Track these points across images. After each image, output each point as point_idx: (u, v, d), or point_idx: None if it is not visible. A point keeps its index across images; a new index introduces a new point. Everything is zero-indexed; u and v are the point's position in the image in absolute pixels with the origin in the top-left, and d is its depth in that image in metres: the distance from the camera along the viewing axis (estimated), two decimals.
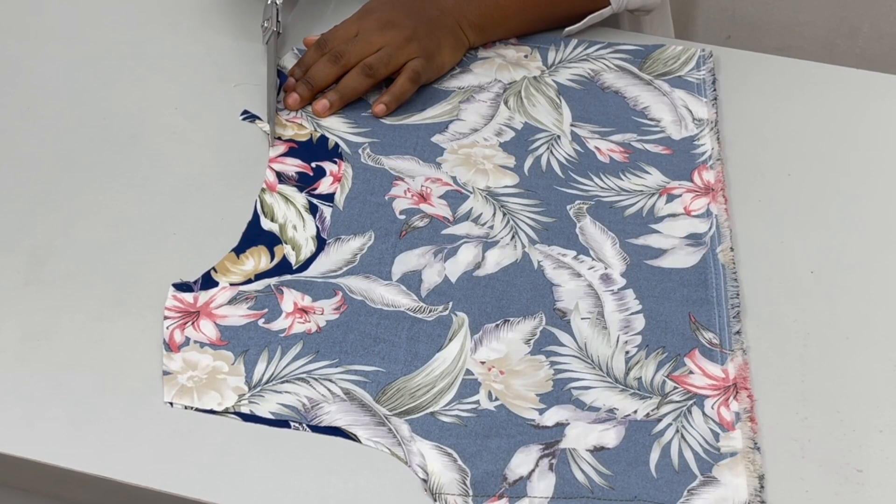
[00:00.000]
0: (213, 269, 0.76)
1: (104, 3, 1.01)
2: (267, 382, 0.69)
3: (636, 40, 0.98)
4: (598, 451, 0.66)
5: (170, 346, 0.70)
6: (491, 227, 0.80)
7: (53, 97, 0.90)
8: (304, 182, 0.83)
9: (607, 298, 0.75)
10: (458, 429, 0.67)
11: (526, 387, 0.69)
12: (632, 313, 0.74)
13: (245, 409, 0.67)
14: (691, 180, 0.84)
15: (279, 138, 0.86)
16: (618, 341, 0.72)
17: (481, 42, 0.97)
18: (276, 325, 0.72)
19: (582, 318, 0.73)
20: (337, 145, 0.86)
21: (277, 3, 0.94)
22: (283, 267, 0.76)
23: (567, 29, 0.98)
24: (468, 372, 0.70)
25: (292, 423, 0.67)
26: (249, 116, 0.88)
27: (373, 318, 0.73)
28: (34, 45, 0.95)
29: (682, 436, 0.67)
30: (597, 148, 0.87)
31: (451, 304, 0.74)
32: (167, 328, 0.71)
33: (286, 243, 0.78)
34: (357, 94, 0.89)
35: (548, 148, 0.87)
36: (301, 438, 0.66)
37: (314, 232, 0.79)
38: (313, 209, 0.80)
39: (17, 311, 0.72)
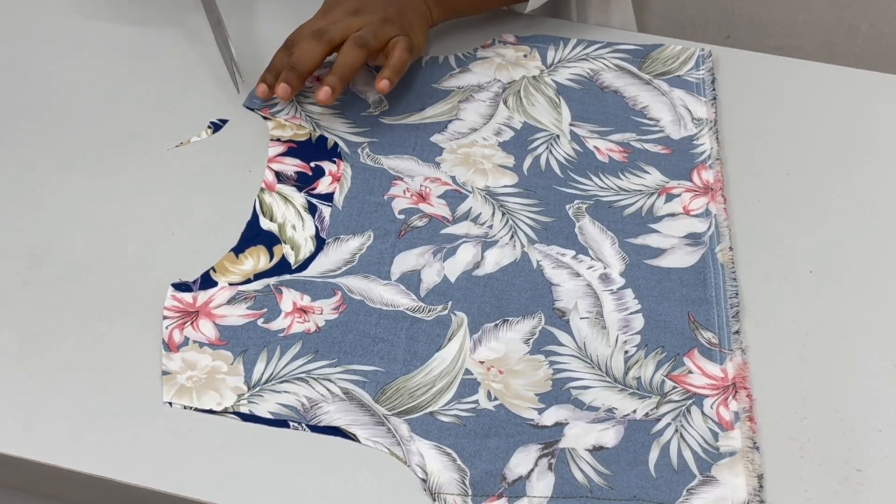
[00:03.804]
0: (212, 268, 0.76)
1: (104, 2, 1.01)
2: (266, 382, 0.69)
3: (635, 40, 0.98)
4: (597, 450, 0.66)
5: (169, 346, 0.70)
6: (490, 227, 0.80)
7: (53, 97, 0.90)
8: (303, 182, 0.83)
9: (606, 298, 0.75)
10: (457, 428, 0.67)
11: (525, 386, 0.69)
12: (631, 313, 0.74)
13: (244, 409, 0.67)
14: (690, 180, 0.84)
15: (278, 139, 0.86)
16: (617, 341, 0.72)
17: (446, 18, 0.95)
18: (276, 324, 0.72)
19: (581, 318, 0.73)
20: (336, 145, 0.86)
21: None
22: (282, 267, 0.76)
23: (530, 4, 0.97)
24: (467, 371, 0.70)
25: (291, 423, 0.67)
26: (251, 107, 0.89)
27: (372, 317, 0.73)
28: (34, 44, 0.95)
29: (682, 435, 0.67)
30: (596, 147, 0.87)
31: (450, 303, 0.74)
32: (166, 328, 0.71)
33: (285, 243, 0.78)
34: (354, 70, 0.85)
35: (547, 147, 0.87)
36: (300, 438, 0.66)
37: (313, 232, 0.79)
38: (312, 209, 0.81)
39: (17, 311, 0.72)
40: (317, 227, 0.79)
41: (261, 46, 0.95)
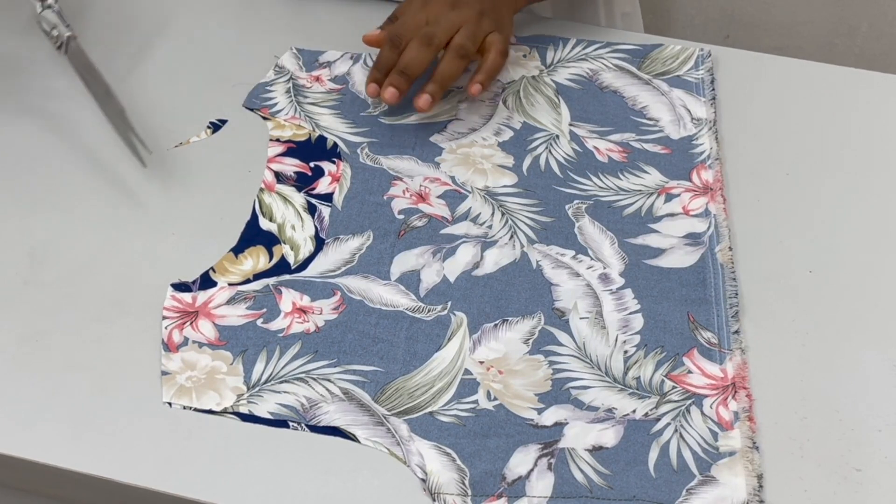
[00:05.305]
0: (212, 269, 0.76)
1: (103, 2, 1.01)
2: (266, 382, 0.69)
3: (635, 40, 0.98)
4: (596, 450, 0.66)
5: (168, 347, 0.70)
6: (490, 227, 0.80)
7: (52, 97, 0.90)
8: (303, 182, 0.83)
9: (606, 298, 0.75)
10: (456, 428, 0.67)
11: (525, 386, 0.69)
12: (630, 313, 0.74)
13: (244, 410, 0.67)
14: (690, 180, 0.84)
15: (278, 140, 0.86)
16: (616, 341, 0.72)
17: (529, 3, 0.96)
18: (275, 324, 0.72)
19: (581, 318, 0.73)
20: (335, 145, 0.86)
21: (54, 5, 0.84)
22: (281, 267, 0.76)
23: None
24: (467, 371, 0.70)
25: (291, 423, 0.67)
26: (251, 107, 0.89)
27: (371, 317, 0.73)
28: (33, 44, 0.95)
29: (681, 435, 0.67)
30: (595, 147, 0.87)
31: (449, 303, 0.74)
32: (166, 328, 0.71)
33: (285, 243, 0.78)
34: (454, 79, 0.86)
35: (546, 147, 0.87)
36: (300, 438, 0.66)
37: (313, 232, 0.79)
38: (312, 209, 0.81)
39: (17, 311, 0.72)
40: (316, 228, 0.79)
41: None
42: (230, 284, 0.75)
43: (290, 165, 0.84)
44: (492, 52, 0.86)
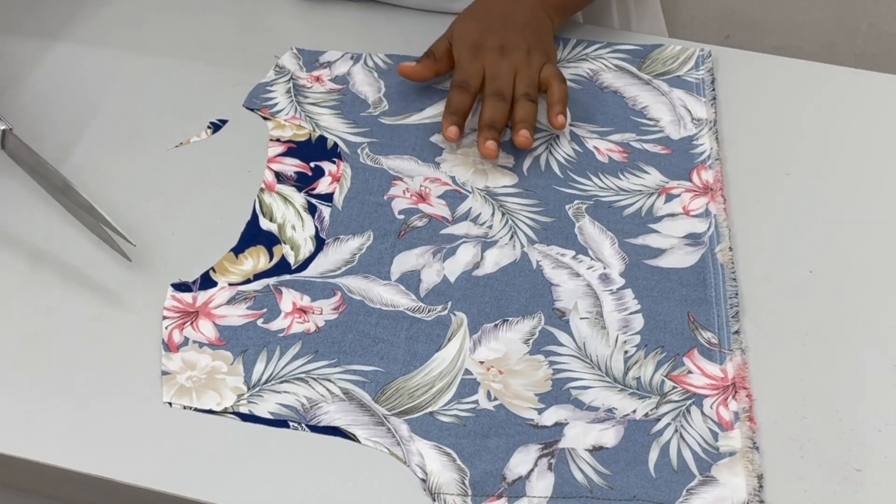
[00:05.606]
0: (212, 269, 0.76)
1: (102, 2, 1.01)
2: (266, 382, 0.69)
3: (635, 40, 0.98)
4: (596, 450, 0.66)
5: (168, 347, 0.70)
6: (490, 227, 0.80)
7: (52, 97, 0.90)
8: (303, 182, 0.83)
9: (606, 298, 0.75)
10: (456, 428, 0.67)
11: (525, 386, 0.69)
12: (631, 313, 0.74)
13: (244, 410, 0.67)
14: (690, 180, 0.84)
15: (278, 140, 0.86)
16: (616, 341, 0.72)
17: (563, 22, 0.97)
18: (275, 324, 0.72)
19: (581, 318, 0.73)
20: (336, 145, 0.86)
21: None
22: (281, 267, 0.76)
23: None
24: (467, 372, 0.70)
25: (291, 423, 0.67)
26: (251, 107, 0.89)
27: (372, 317, 0.73)
28: (33, 45, 0.95)
29: (681, 435, 0.67)
30: (595, 147, 0.87)
31: (449, 303, 0.74)
32: (166, 328, 0.71)
33: (285, 243, 0.78)
34: (536, 116, 0.86)
35: (547, 148, 0.87)
36: (300, 438, 0.66)
37: (313, 232, 0.79)
38: (312, 209, 0.81)
39: (17, 311, 0.72)
40: (316, 228, 0.79)
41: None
42: (230, 284, 0.75)
43: (291, 165, 0.84)
44: (553, 84, 0.87)
